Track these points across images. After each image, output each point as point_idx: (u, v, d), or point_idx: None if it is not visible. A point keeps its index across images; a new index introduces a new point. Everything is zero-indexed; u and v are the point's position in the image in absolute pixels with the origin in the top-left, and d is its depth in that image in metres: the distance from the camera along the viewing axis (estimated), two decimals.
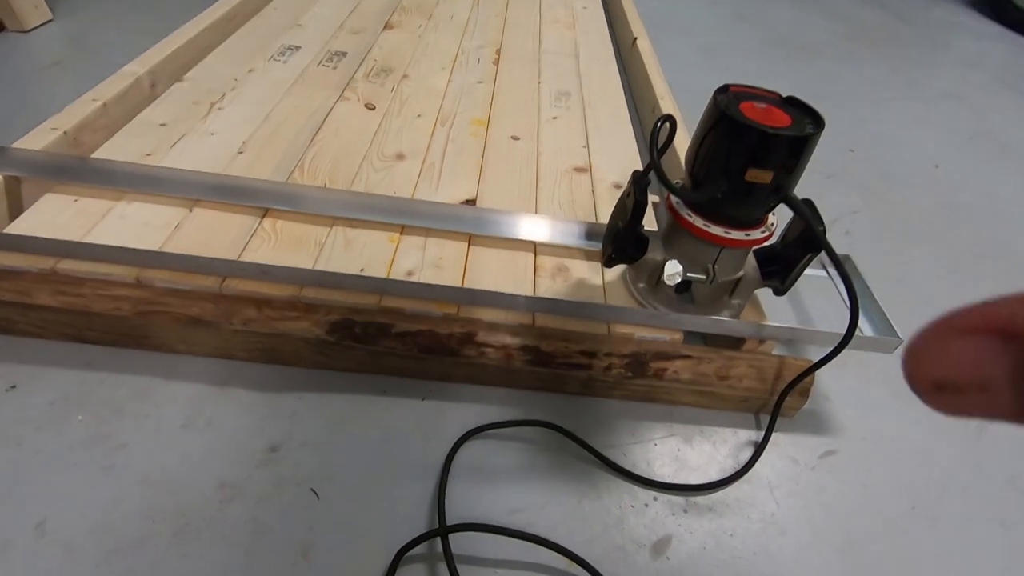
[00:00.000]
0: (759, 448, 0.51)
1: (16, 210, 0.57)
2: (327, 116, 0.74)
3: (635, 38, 1.08)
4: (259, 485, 0.44)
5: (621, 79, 0.96)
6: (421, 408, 0.51)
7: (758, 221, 0.48)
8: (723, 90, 0.45)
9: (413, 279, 0.53)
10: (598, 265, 0.59)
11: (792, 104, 0.45)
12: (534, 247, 0.60)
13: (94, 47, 0.95)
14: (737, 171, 0.42)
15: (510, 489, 0.46)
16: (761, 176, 0.42)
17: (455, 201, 0.64)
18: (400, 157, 0.69)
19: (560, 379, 0.52)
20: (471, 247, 0.58)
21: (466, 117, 0.79)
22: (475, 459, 0.48)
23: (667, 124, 0.44)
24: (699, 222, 0.46)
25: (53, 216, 0.54)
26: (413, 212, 0.59)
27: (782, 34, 1.47)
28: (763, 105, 0.44)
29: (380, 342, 0.49)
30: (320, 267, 0.53)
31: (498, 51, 0.98)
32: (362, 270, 0.53)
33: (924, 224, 0.86)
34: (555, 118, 0.82)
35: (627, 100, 0.90)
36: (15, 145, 0.59)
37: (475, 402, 0.52)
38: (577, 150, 0.76)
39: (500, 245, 0.59)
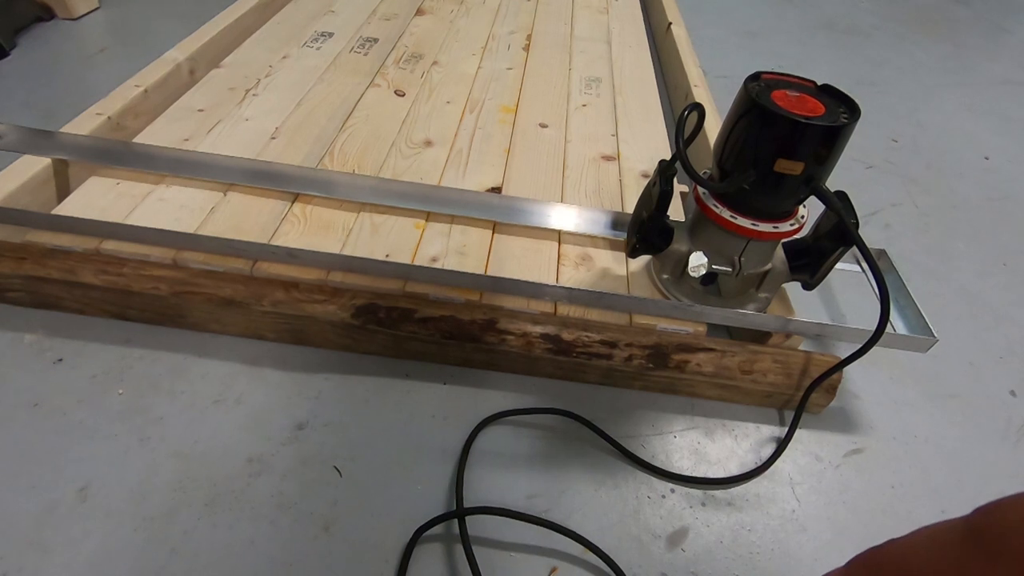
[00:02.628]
0: (782, 444, 0.50)
1: (63, 192, 0.60)
2: (358, 102, 0.75)
3: (669, 23, 1.06)
4: (285, 461, 0.45)
5: (654, 66, 0.94)
6: (442, 392, 0.51)
7: (787, 213, 0.46)
8: (755, 77, 0.44)
9: (437, 265, 0.54)
10: (622, 255, 0.59)
11: (827, 92, 0.44)
12: (559, 236, 0.59)
13: (138, 33, 0.98)
14: (766, 161, 0.41)
15: (528, 475, 0.47)
16: (791, 167, 0.41)
17: (481, 188, 0.64)
18: (428, 144, 0.69)
19: (580, 368, 0.52)
20: (496, 234, 0.59)
21: (495, 104, 0.78)
22: (494, 444, 0.48)
23: (694, 113, 0.43)
24: (726, 213, 0.45)
25: (97, 198, 0.57)
26: (439, 199, 0.60)
27: (829, 17, 1.41)
28: (796, 93, 0.42)
29: (403, 327, 0.50)
30: (347, 252, 0.54)
31: (529, 37, 0.97)
32: (388, 256, 0.54)
33: (970, 218, 0.82)
34: (584, 105, 0.81)
35: (660, 87, 0.88)
36: (63, 129, 0.62)
37: (495, 388, 0.52)
38: (606, 138, 0.75)
39: (525, 233, 0.59)
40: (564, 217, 0.59)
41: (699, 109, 0.43)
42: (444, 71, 0.84)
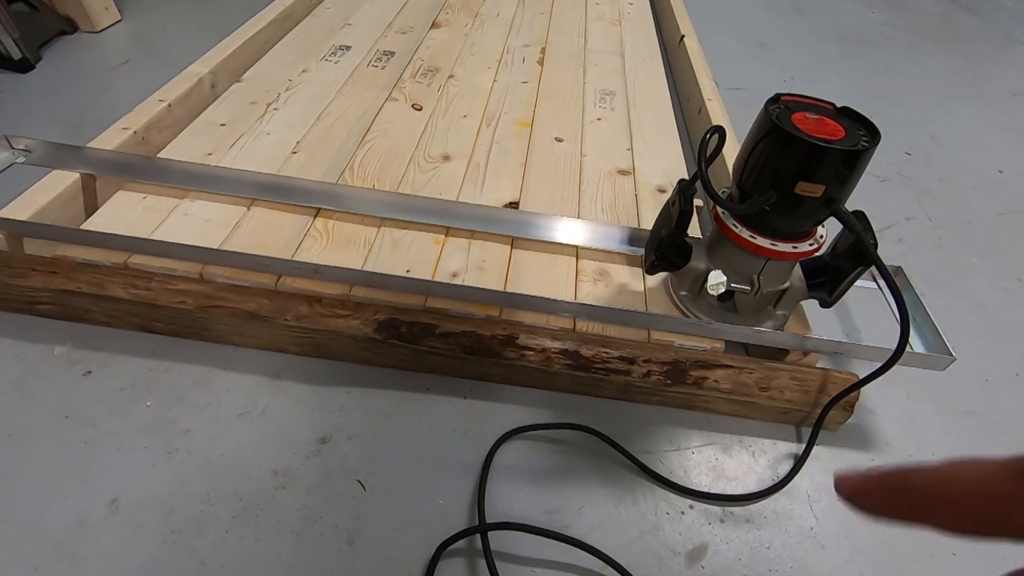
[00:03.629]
0: (799, 461, 0.50)
1: (91, 206, 0.61)
2: (376, 116, 0.76)
3: (682, 36, 1.07)
4: (309, 474, 0.46)
5: (667, 78, 0.95)
6: (462, 406, 0.52)
7: (806, 233, 0.47)
8: (775, 100, 0.44)
9: (457, 281, 0.55)
10: (639, 270, 0.59)
11: (846, 115, 0.44)
12: (576, 251, 0.60)
13: (159, 46, 1.00)
14: (787, 183, 0.42)
15: (547, 490, 0.47)
16: (812, 189, 0.41)
17: (499, 203, 0.65)
18: (446, 158, 0.70)
19: (598, 383, 0.52)
20: (514, 250, 0.59)
21: (511, 118, 0.79)
22: (514, 459, 0.49)
23: (715, 136, 0.44)
24: (745, 233, 0.46)
25: (125, 213, 0.58)
26: (457, 214, 0.61)
27: (839, 28, 1.42)
28: (815, 116, 0.43)
29: (424, 341, 0.51)
30: (369, 267, 0.55)
31: (543, 50, 0.98)
32: (408, 271, 0.55)
33: (985, 232, 0.82)
34: (599, 119, 0.82)
35: (673, 100, 0.89)
36: (90, 144, 0.63)
37: (513, 403, 0.53)
38: (621, 152, 0.76)
39: (542, 248, 0.60)
40: (582, 233, 0.60)
41: (720, 132, 0.44)
42: (460, 85, 0.85)
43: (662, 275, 0.58)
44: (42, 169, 0.61)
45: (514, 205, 0.65)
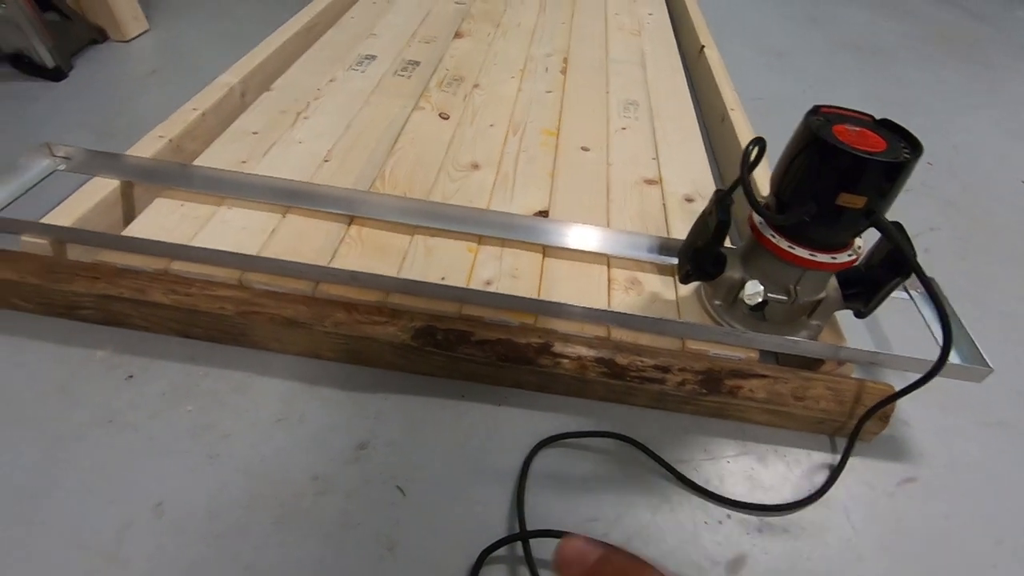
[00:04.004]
0: (835, 471, 0.50)
1: (129, 213, 0.62)
2: (404, 125, 0.77)
3: (702, 46, 1.07)
4: (349, 480, 0.46)
5: (688, 88, 0.95)
6: (497, 414, 0.52)
7: (844, 244, 0.47)
8: (814, 111, 0.45)
9: (491, 288, 0.55)
10: (671, 279, 0.59)
11: (886, 127, 0.45)
12: (607, 260, 0.61)
13: (185, 55, 1.01)
14: (828, 195, 0.42)
15: (585, 498, 0.47)
16: (854, 201, 0.42)
17: (529, 212, 0.65)
18: (475, 167, 0.71)
19: (632, 392, 0.53)
20: (546, 258, 0.60)
21: (536, 127, 0.80)
22: (550, 466, 0.49)
23: (757, 148, 0.44)
24: (783, 243, 0.46)
25: (163, 219, 0.59)
26: (489, 223, 0.61)
27: (855, 38, 1.42)
28: (856, 128, 0.43)
29: (460, 349, 0.51)
30: (404, 274, 0.56)
31: (565, 59, 0.99)
32: (443, 278, 0.56)
33: (1009, 242, 0.82)
34: (624, 128, 0.82)
35: (695, 110, 0.90)
36: (127, 152, 0.64)
37: (548, 410, 0.53)
38: (646, 162, 0.76)
39: (574, 257, 0.60)
40: (613, 242, 0.61)
41: (761, 143, 0.44)
42: (485, 94, 0.86)
43: (694, 284, 0.58)
44: (79, 176, 0.62)
45: (544, 214, 0.65)
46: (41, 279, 0.51)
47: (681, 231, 0.65)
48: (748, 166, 0.44)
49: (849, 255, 0.46)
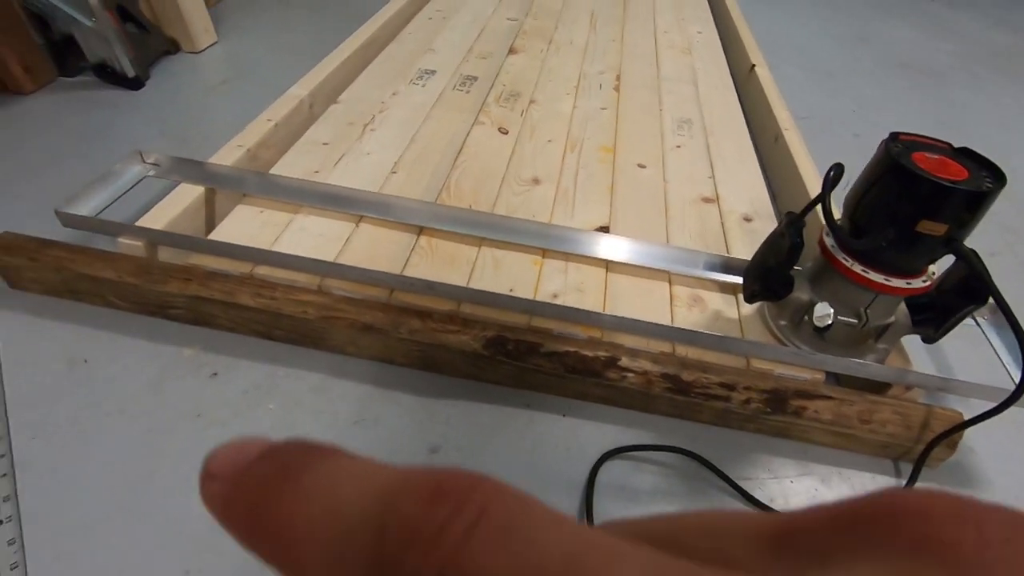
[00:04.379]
0: None
1: (211, 218, 0.66)
2: (465, 139, 0.79)
3: (753, 65, 1.08)
4: None
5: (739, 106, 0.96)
6: (562, 424, 0.54)
7: (919, 270, 0.47)
8: (893, 138, 0.46)
9: (558, 302, 0.57)
10: (733, 297, 0.60)
11: (965, 155, 0.45)
12: (668, 276, 0.62)
13: (252, 66, 1.06)
14: (907, 222, 0.43)
15: (650, 511, 0.48)
16: (934, 228, 0.42)
17: (590, 227, 0.67)
18: (536, 181, 0.73)
19: (696, 408, 0.53)
20: (609, 273, 0.61)
21: (593, 143, 0.82)
22: (615, 479, 0.50)
23: (834, 173, 0.45)
24: (857, 267, 0.47)
25: (245, 225, 0.62)
26: (554, 237, 0.63)
27: (906, 58, 1.41)
28: (936, 156, 0.44)
29: (529, 359, 0.53)
30: (473, 285, 0.58)
31: (618, 77, 1.01)
32: (511, 290, 0.57)
33: None
34: (679, 147, 0.84)
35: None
36: (209, 160, 0.67)
37: (611, 423, 0.54)
38: (703, 180, 0.77)
39: (636, 273, 0.61)
40: (674, 259, 0.62)
41: (840, 168, 0.45)
42: (542, 110, 0.88)
43: (756, 303, 0.59)
44: (162, 181, 0.66)
45: (604, 229, 0.67)
46: (138, 279, 0.55)
47: (741, 250, 0.66)
48: (829, 190, 0.45)
49: (924, 281, 0.47)
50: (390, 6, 1.14)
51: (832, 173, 0.45)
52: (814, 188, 0.73)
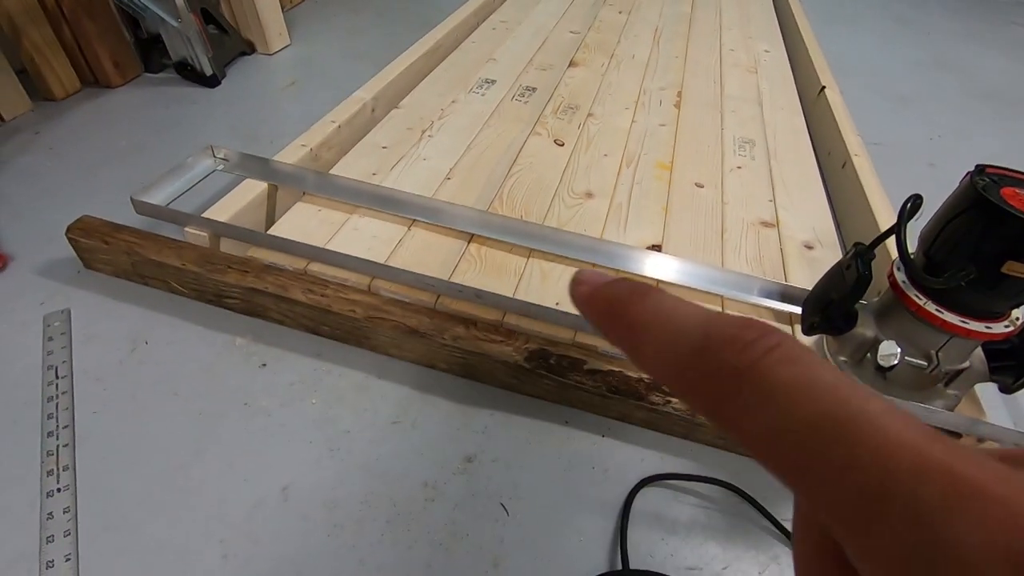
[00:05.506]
0: None
1: (271, 214, 0.68)
2: (521, 149, 0.79)
3: (823, 87, 1.04)
4: (457, 491, 0.48)
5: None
6: (600, 444, 0.53)
7: (1000, 313, 0.44)
8: (979, 171, 0.42)
9: None
10: (788, 327, 0.58)
11: None
12: (721, 301, 0.60)
13: (321, 69, 1.10)
14: (992, 262, 0.40)
15: (688, 544, 0.46)
16: (1021, 270, 0.39)
17: (642, 245, 0.65)
18: (589, 195, 0.72)
19: None
20: None
21: (650, 159, 0.80)
22: (653, 506, 0.48)
23: (911, 204, 0.43)
24: (931, 306, 0.44)
25: (303, 222, 0.64)
26: (604, 252, 0.62)
27: (989, 87, 1.33)
28: None
29: (571, 376, 0.52)
30: (519, 296, 0.57)
31: (679, 94, 0.99)
32: (557, 304, 0.57)
33: None
34: (739, 167, 0.81)
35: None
36: (275, 158, 0.70)
37: (651, 448, 0.53)
38: (763, 203, 0.74)
39: (686, 294, 0.60)
40: (728, 282, 0.60)
41: (918, 200, 0.43)
42: (599, 123, 0.88)
43: (816, 336, 0.56)
44: (228, 175, 0.68)
45: (657, 248, 0.65)
46: (200, 267, 0.57)
47: (800, 278, 0.63)
48: (905, 222, 0.42)
49: (1006, 326, 0.43)
50: (456, 15, 1.16)
51: (909, 204, 0.42)
52: (883, 218, 0.69)
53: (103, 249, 0.60)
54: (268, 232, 0.61)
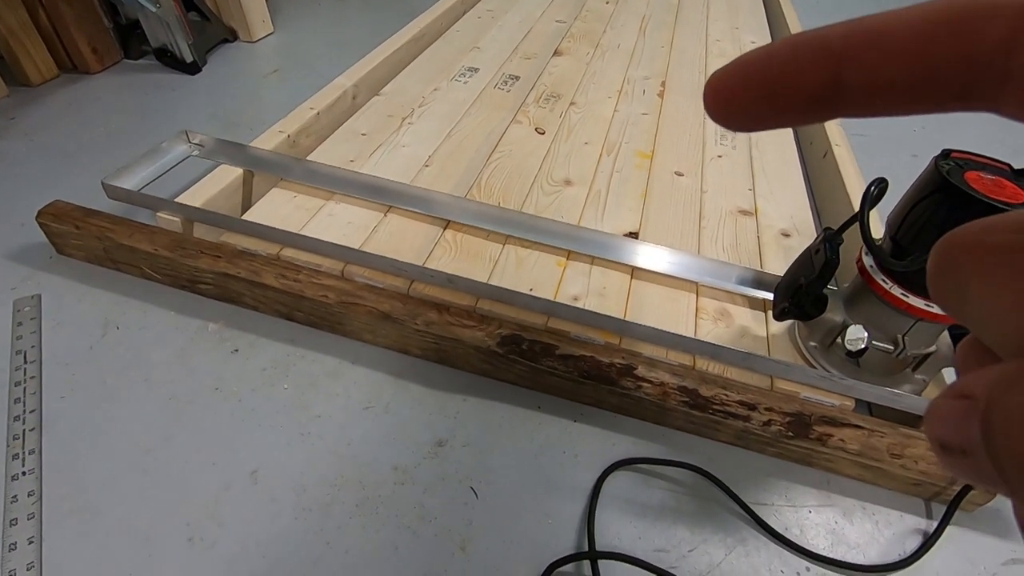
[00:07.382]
0: (930, 539, 0.47)
1: (247, 199, 0.68)
2: (501, 137, 0.79)
3: None
4: (426, 475, 0.48)
5: None
6: (572, 429, 0.53)
7: None
8: (944, 155, 0.43)
9: (579, 305, 0.56)
10: (761, 314, 0.58)
11: None
12: (696, 288, 0.60)
13: (304, 57, 1.09)
14: None
15: (655, 526, 0.46)
16: None
17: (619, 232, 0.65)
18: (568, 183, 0.72)
19: (713, 425, 0.51)
20: (633, 280, 0.60)
21: (631, 148, 0.80)
22: (623, 489, 0.49)
23: (877, 188, 0.43)
24: (897, 290, 0.44)
25: (278, 208, 0.63)
26: (580, 239, 0.62)
27: None
28: (991, 176, 0.41)
29: (543, 361, 0.52)
30: (494, 281, 0.57)
31: (663, 83, 0.99)
32: (531, 290, 0.57)
33: None
34: (720, 156, 0.81)
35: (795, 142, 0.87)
36: (252, 144, 0.70)
37: (623, 432, 0.53)
38: (742, 192, 0.75)
39: (661, 281, 0.60)
40: (703, 269, 0.60)
41: (882, 184, 0.43)
42: (581, 112, 0.87)
43: (787, 321, 0.57)
44: (206, 161, 0.68)
45: (633, 235, 0.65)
46: (172, 253, 0.57)
47: (775, 265, 0.63)
48: (868, 206, 0.43)
49: None
50: (441, 3, 1.15)
51: (874, 188, 0.42)
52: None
53: (74, 234, 0.59)
54: (242, 218, 0.61)
